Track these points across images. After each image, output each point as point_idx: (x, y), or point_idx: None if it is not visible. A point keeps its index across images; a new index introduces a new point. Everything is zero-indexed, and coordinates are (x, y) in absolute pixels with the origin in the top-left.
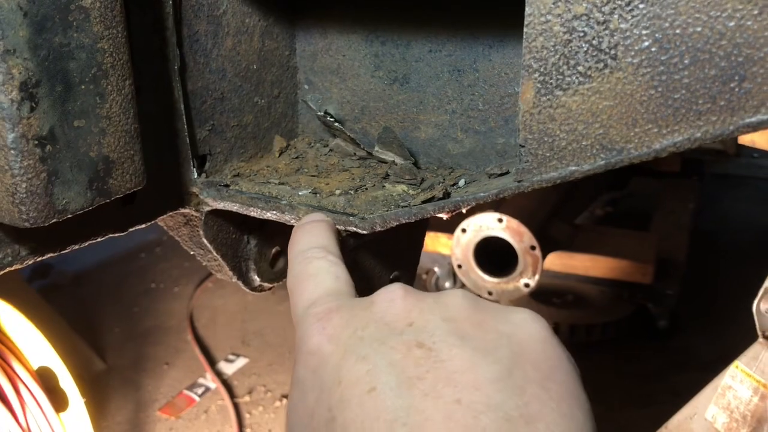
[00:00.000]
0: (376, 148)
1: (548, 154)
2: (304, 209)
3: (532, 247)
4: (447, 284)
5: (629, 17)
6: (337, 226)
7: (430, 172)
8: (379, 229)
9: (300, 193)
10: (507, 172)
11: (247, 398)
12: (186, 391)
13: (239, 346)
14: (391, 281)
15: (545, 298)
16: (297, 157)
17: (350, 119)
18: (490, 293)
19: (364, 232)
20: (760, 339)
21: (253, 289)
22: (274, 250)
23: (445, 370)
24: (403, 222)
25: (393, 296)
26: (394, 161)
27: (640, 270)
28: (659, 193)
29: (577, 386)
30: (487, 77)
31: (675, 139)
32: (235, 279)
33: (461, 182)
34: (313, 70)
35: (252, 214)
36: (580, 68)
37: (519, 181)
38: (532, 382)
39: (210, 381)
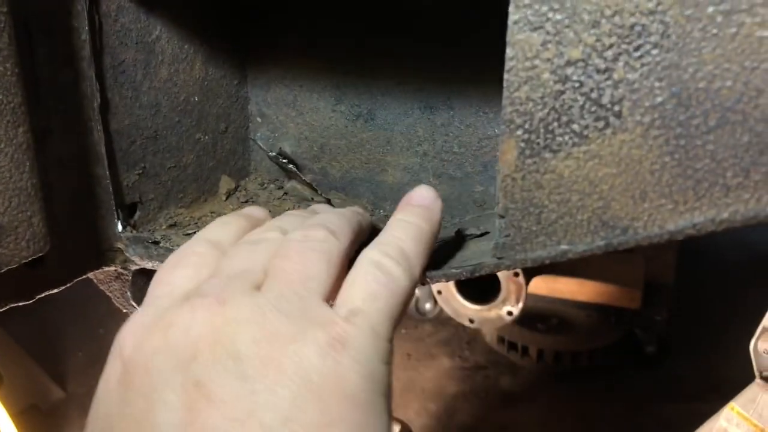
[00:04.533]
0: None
1: (534, 228)
2: None
3: (516, 274)
4: (427, 305)
5: (638, 65)
6: None
7: None
8: None
9: None
10: (486, 233)
11: None
12: None
13: None
14: None
15: (529, 322)
16: (246, 201)
17: (308, 158)
18: (471, 321)
19: None
20: (758, 380)
21: None
22: None
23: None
24: None
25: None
26: None
27: (627, 295)
28: None
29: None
30: (464, 116)
31: (695, 219)
32: None
33: None
34: (267, 102)
35: None
36: (574, 126)
37: (499, 258)
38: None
39: None
